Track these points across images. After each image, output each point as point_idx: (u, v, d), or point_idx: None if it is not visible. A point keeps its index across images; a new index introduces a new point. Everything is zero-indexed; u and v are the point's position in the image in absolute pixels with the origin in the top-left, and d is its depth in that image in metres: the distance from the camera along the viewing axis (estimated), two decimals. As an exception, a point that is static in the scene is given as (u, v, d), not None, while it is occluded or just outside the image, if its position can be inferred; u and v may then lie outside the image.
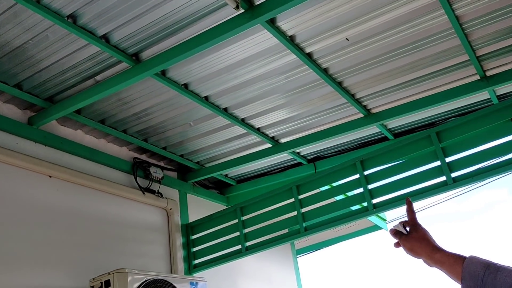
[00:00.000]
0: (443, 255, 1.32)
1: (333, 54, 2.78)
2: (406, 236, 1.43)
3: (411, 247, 1.40)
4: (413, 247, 1.39)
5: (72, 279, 2.83)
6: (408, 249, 1.41)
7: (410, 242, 1.40)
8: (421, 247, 1.37)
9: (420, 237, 1.39)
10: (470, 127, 2.90)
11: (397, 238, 1.46)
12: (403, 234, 1.45)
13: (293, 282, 5.16)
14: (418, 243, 1.38)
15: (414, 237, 1.40)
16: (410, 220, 1.45)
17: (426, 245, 1.37)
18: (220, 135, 3.62)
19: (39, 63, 2.59)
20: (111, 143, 3.52)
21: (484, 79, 3.02)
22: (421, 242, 1.38)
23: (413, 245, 1.39)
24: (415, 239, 1.40)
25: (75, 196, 3.10)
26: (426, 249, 1.36)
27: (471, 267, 1.22)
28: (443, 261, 1.30)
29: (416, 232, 1.41)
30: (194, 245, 3.84)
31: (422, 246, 1.37)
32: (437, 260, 1.32)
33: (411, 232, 1.42)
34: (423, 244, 1.37)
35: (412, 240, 1.40)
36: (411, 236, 1.41)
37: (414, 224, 1.44)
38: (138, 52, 2.60)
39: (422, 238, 1.39)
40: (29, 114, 3.02)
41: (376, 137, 3.82)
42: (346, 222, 3.25)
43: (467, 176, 2.85)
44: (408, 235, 1.42)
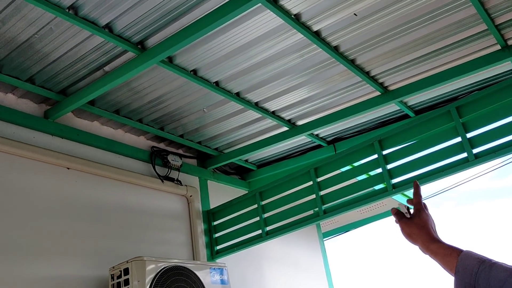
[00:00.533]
0: (439, 246, 1.28)
1: (342, 31, 2.69)
2: (407, 220, 1.39)
3: (409, 232, 1.36)
4: (412, 233, 1.36)
5: (93, 268, 2.89)
6: (406, 234, 1.38)
7: (410, 228, 1.36)
8: (419, 235, 1.34)
9: (421, 224, 1.35)
10: (492, 100, 2.76)
11: (398, 219, 1.42)
12: (404, 217, 1.40)
13: (321, 265, 5.13)
14: (417, 230, 1.35)
15: (414, 223, 1.36)
16: (416, 204, 1.41)
17: (425, 234, 1.33)
18: (235, 121, 3.60)
19: (47, 56, 2.63)
20: (128, 133, 3.56)
21: (505, 49, 2.86)
22: (421, 229, 1.34)
23: (412, 231, 1.36)
24: (415, 225, 1.36)
25: (94, 187, 3.15)
26: (424, 238, 1.32)
27: (466, 261, 1.20)
28: (438, 252, 1.28)
29: (419, 218, 1.37)
30: (216, 231, 3.86)
31: (421, 234, 1.33)
32: (432, 250, 1.30)
33: (414, 218, 1.38)
34: (422, 232, 1.34)
35: (412, 225, 1.36)
36: (413, 222, 1.37)
37: (418, 209, 1.39)
38: (143, 40, 2.59)
39: (422, 226, 1.35)
40: (44, 108, 3.08)
41: (397, 115, 3.70)
42: (365, 204, 3.17)
43: (489, 151, 2.72)
44: (410, 220, 1.38)
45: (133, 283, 2.65)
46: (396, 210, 1.44)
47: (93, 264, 2.91)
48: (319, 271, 5.07)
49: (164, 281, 2.72)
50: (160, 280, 2.71)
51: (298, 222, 3.42)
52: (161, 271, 2.76)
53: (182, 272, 2.89)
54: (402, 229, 1.39)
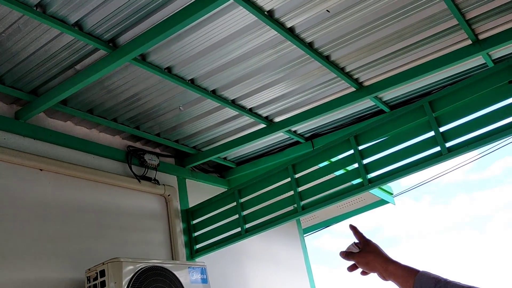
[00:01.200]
0: (396, 267, 1.34)
1: (315, 27, 2.69)
2: (359, 252, 1.47)
3: (366, 261, 1.43)
4: (369, 261, 1.42)
5: (68, 271, 2.85)
6: (364, 264, 1.44)
7: (365, 257, 1.44)
8: (375, 259, 1.40)
9: (373, 249, 1.44)
10: (464, 94, 2.80)
11: (351, 258, 1.48)
12: (356, 252, 1.48)
13: (301, 261, 5.15)
14: (372, 256, 1.42)
15: (368, 251, 1.45)
16: (360, 238, 1.51)
17: (380, 257, 1.41)
18: (213, 118, 3.58)
19: (17, 55, 2.57)
20: (103, 133, 3.51)
21: (476, 43, 2.90)
22: (375, 255, 1.42)
23: (368, 258, 1.43)
24: (369, 252, 1.44)
25: (68, 188, 3.10)
26: (380, 261, 1.39)
27: (422, 280, 1.25)
28: (396, 274, 1.33)
29: (369, 246, 1.46)
30: (195, 230, 3.84)
31: (376, 259, 1.41)
32: (390, 272, 1.35)
33: (364, 248, 1.47)
34: (378, 257, 1.41)
35: (366, 254, 1.44)
36: (366, 250, 1.46)
37: (365, 240, 1.49)
38: (114, 38, 2.55)
39: (374, 251, 1.43)
40: (15, 109, 3.01)
41: (373, 110, 3.73)
42: (343, 199, 3.19)
43: (462, 145, 2.76)
44: (362, 251, 1.47)
45: (109, 285, 2.61)
46: (344, 252, 1.51)
47: (69, 267, 2.86)
48: (300, 267, 5.09)
49: (141, 282, 2.69)
50: (138, 281, 2.68)
51: (277, 218, 3.42)
52: (138, 272, 2.72)
53: (160, 272, 2.86)
54: (358, 262, 1.46)
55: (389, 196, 5.52)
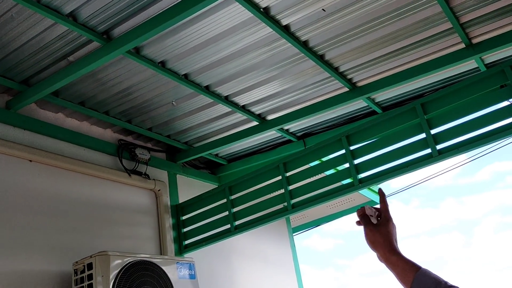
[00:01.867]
0: (398, 259, 1.27)
1: (311, 26, 2.70)
2: (372, 227, 1.35)
3: (373, 240, 1.33)
4: (375, 241, 1.33)
5: (55, 263, 2.83)
6: (369, 241, 1.34)
7: (374, 235, 1.33)
8: (382, 244, 1.31)
9: (386, 234, 1.33)
10: (456, 97, 2.82)
11: (363, 222, 1.37)
12: (370, 222, 1.36)
13: (289, 260, 5.16)
14: (381, 238, 1.32)
15: (380, 232, 1.33)
16: (385, 211, 1.38)
17: (387, 244, 1.31)
18: (205, 114, 3.57)
19: (9, 45, 2.54)
20: (94, 126, 3.48)
21: (470, 47, 2.92)
22: (384, 239, 1.32)
23: (376, 239, 1.33)
24: (380, 233, 1.33)
25: (58, 180, 3.08)
26: (385, 248, 1.30)
27: (422, 279, 1.20)
28: (397, 265, 1.27)
29: (385, 227, 1.34)
30: (184, 225, 3.83)
31: (384, 244, 1.31)
32: (391, 262, 1.28)
33: (380, 225, 1.34)
34: (385, 242, 1.31)
35: (377, 234, 1.33)
36: (378, 230, 1.33)
37: (387, 217, 1.36)
38: (108, 30, 2.53)
39: (386, 236, 1.32)
40: (6, 98, 2.98)
41: (365, 111, 3.74)
42: (333, 198, 3.20)
43: (452, 147, 2.78)
44: (375, 227, 1.34)
45: (96, 279, 2.59)
46: (363, 212, 1.39)
47: (56, 259, 2.84)
48: (288, 266, 5.10)
49: (128, 276, 2.68)
50: (125, 276, 2.67)
51: (267, 216, 3.42)
52: (126, 266, 2.71)
53: (148, 267, 2.86)
54: (366, 234, 1.35)
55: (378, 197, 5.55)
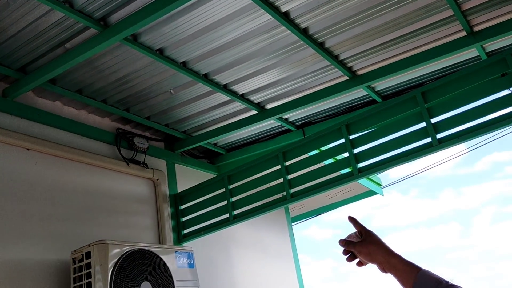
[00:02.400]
0: (399, 261, 1.32)
1: (311, 12, 2.66)
2: (361, 242, 1.43)
3: (368, 251, 1.40)
4: (371, 251, 1.39)
5: (54, 252, 2.82)
6: (365, 254, 1.40)
7: (368, 247, 1.40)
8: (378, 250, 1.38)
9: (375, 241, 1.41)
10: (456, 86, 2.80)
11: (352, 247, 1.45)
12: (357, 242, 1.44)
13: (288, 249, 5.17)
14: (375, 246, 1.39)
15: (370, 242, 1.41)
16: (360, 228, 1.47)
17: (383, 249, 1.38)
18: (204, 103, 3.54)
19: (5, 31, 2.50)
20: (92, 114, 3.46)
21: (471, 35, 2.89)
22: (378, 245, 1.39)
23: (371, 249, 1.39)
24: (372, 243, 1.40)
25: (55, 169, 3.06)
26: (383, 253, 1.36)
27: (423, 279, 1.24)
28: (398, 268, 1.31)
29: (370, 237, 1.43)
30: (183, 215, 3.82)
31: (379, 250, 1.38)
32: (392, 265, 1.33)
33: (366, 238, 1.43)
34: (380, 248, 1.38)
35: (369, 244, 1.40)
36: (367, 241, 1.42)
37: (366, 230, 1.45)
38: (105, 17, 2.49)
39: (378, 242, 1.40)
40: (3, 86, 2.94)
41: (365, 100, 3.72)
42: (332, 188, 3.18)
43: (452, 136, 2.76)
44: (363, 241, 1.43)
45: (95, 268, 2.59)
46: (344, 241, 1.47)
47: (54, 248, 2.83)
48: (287, 255, 5.11)
49: (127, 265, 2.68)
50: (124, 264, 2.66)
51: (265, 206, 3.41)
52: (124, 255, 2.70)
53: (147, 256, 2.85)
54: (359, 252, 1.42)
55: (378, 187, 5.55)
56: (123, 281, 2.61)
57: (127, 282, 2.63)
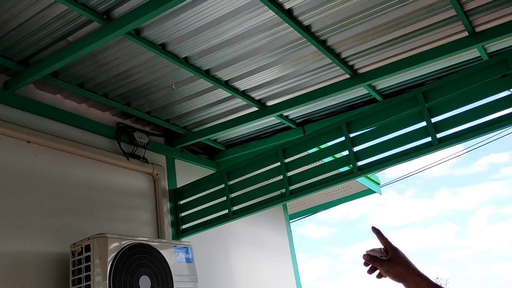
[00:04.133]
0: (429, 285, 1.29)
1: (314, 10, 2.66)
2: (389, 261, 1.36)
3: (397, 272, 1.34)
4: (400, 273, 1.33)
5: (53, 245, 2.82)
6: (393, 275, 1.35)
7: (396, 268, 1.34)
8: (408, 272, 1.32)
9: (405, 261, 1.35)
10: (458, 86, 2.81)
11: (378, 264, 1.38)
12: (384, 260, 1.38)
13: (286, 246, 5.18)
14: (403, 268, 1.33)
15: (399, 262, 1.35)
16: (386, 244, 1.40)
17: (411, 271, 1.33)
18: (204, 99, 3.55)
19: (7, 23, 2.50)
20: (93, 108, 3.46)
21: (473, 36, 2.90)
22: (407, 267, 1.33)
23: (399, 270, 1.34)
24: (400, 264, 1.34)
25: (55, 162, 3.06)
26: (413, 276, 1.31)
27: None
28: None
29: (398, 256, 1.36)
30: (182, 210, 3.83)
31: (409, 272, 1.32)
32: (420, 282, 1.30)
33: (394, 257, 1.36)
34: (409, 270, 1.33)
35: (396, 265, 1.34)
36: (395, 261, 1.35)
37: (392, 247, 1.38)
38: (109, 10, 2.49)
39: (406, 263, 1.34)
40: (4, 78, 2.94)
41: (365, 98, 3.73)
42: (331, 185, 3.19)
43: (452, 136, 2.77)
44: (391, 261, 1.36)
45: (94, 261, 2.60)
46: (369, 256, 1.40)
47: (54, 241, 2.84)
48: (285, 252, 5.12)
49: (126, 259, 2.69)
50: (123, 258, 2.67)
51: (264, 202, 3.42)
52: (123, 249, 2.71)
53: (146, 250, 2.86)
54: (387, 271, 1.35)
55: (376, 186, 5.56)
56: (122, 274, 2.62)
57: (126, 276, 2.64)
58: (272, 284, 4.69)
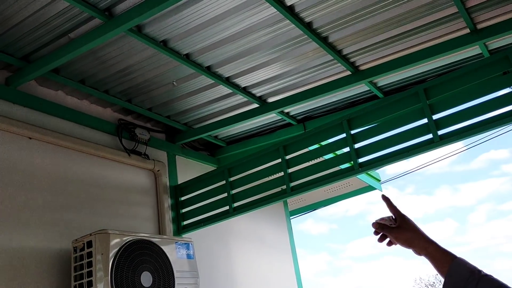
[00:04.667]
0: (436, 249, 1.32)
1: (315, 7, 2.66)
2: (397, 228, 1.40)
3: (405, 238, 1.38)
4: (408, 239, 1.37)
5: (55, 240, 2.83)
6: (402, 240, 1.38)
7: (404, 234, 1.38)
8: (416, 238, 1.36)
9: (412, 227, 1.38)
10: (460, 83, 2.81)
11: (387, 231, 1.42)
12: (393, 227, 1.41)
13: (286, 243, 5.20)
14: (412, 233, 1.37)
15: (406, 228, 1.38)
16: (395, 212, 1.43)
17: (420, 236, 1.36)
18: (206, 95, 3.55)
19: (9, 20, 2.50)
20: (94, 104, 3.46)
21: (474, 33, 2.90)
22: (415, 233, 1.37)
23: (408, 236, 1.37)
24: (407, 230, 1.38)
25: (57, 158, 3.06)
26: (421, 241, 1.35)
27: (457, 269, 1.24)
28: (434, 256, 1.31)
29: (406, 223, 1.40)
30: (183, 206, 3.84)
31: (417, 237, 1.36)
32: (429, 252, 1.32)
33: (402, 224, 1.40)
34: (418, 235, 1.36)
35: (405, 231, 1.38)
36: (404, 228, 1.39)
37: (401, 215, 1.42)
38: (110, 7, 2.49)
39: (414, 229, 1.38)
40: (6, 74, 2.94)
41: (366, 95, 3.73)
42: (332, 182, 3.20)
43: (454, 133, 2.77)
44: (400, 228, 1.40)
45: (96, 257, 2.60)
46: (379, 224, 1.43)
47: (55, 237, 2.85)
48: (285, 248, 5.14)
49: (128, 255, 2.70)
50: (124, 254, 2.68)
51: (265, 199, 3.43)
52: (125, 245, 2.72)
53: (148, 246, 2.87)
54: (396, 238, 1.39)
55: (377, 182, 5.57)
56: (123, 270, 2.63)
57: (128, 272, 2.65)
58: (272, 280, 4.71)
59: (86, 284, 2.57)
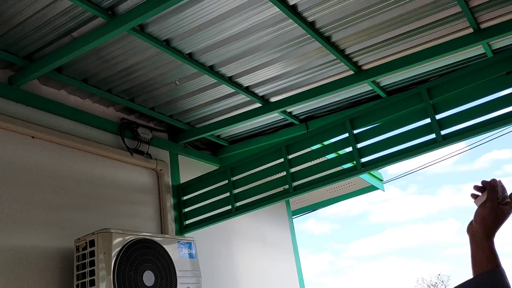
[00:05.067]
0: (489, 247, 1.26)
1: (318, 6, 2.66)
2: (499, 207, 1.31)
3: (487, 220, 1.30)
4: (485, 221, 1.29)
5: (57, 239, 2.84)
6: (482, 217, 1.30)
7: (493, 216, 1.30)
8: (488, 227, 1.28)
9: (500, 219, 1.31)
10: (463, 82, 2.80)
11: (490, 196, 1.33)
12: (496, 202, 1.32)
13: (289, 242, 5.20)
14: (493, 222, 1.29)
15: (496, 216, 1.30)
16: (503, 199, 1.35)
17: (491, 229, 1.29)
18: (208, 95, 3.55)
19: (12, 19, 2.51)
20: (96, 104, 3.46)
21: (477, 32, 2.89)
22: (495, 224, 1.29)
23: (489, 219, 1.29)
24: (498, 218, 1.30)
25: (60, 157, 3.07)
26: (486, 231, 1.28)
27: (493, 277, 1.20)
28: (483, 250, 1.26)
29: (503, 214, 1.31)
30: (185, 205, 3.84)
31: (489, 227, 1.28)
32: (481, 244, 1.27)
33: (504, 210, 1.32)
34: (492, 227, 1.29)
35: (496, 216, 1.30)
36: (499, 214, 1.31)
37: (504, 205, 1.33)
38: (113, 6, 2.49)
39: (499, 221, 1.30)
40: (9, 74, 2.95)
41: (369, 95, 3.72)
42: (334, 182, 3.20)
43: (456, 133, 2.77)
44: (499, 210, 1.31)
45: (98, 256, 2.61)
46: (496, 184, 1.34)
47: (58, 236, 2.85)
48: (287, 248, 5.14)
49: (130, 254, 2.70)
50: (127, 253, 2.68)
51: (268, 198, 3.43)
52: (128, 244, 2.72)
53: (150, 245, 2.87)
54: (489, 212, 1.30)
55: (379, 182, 5.56)
56: (126, 269, 2.63)
57: (130, 271, 2.65)
58: (274, 280, 4.71)
59: (88, 283, 2.57)
